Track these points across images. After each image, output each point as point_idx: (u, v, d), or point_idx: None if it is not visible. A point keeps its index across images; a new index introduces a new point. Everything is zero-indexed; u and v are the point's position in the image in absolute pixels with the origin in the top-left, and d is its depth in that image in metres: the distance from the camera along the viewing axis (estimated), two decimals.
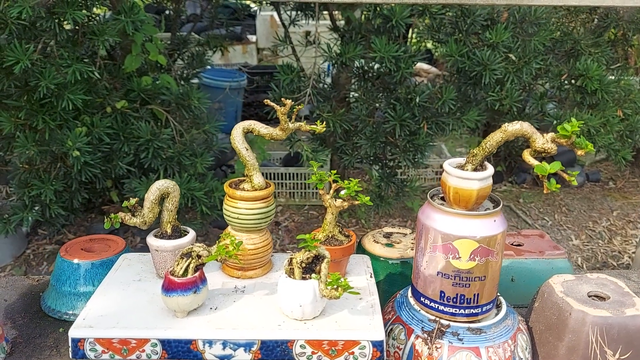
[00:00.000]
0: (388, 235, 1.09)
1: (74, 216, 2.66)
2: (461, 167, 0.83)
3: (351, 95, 2.95)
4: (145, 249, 2.72)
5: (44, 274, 2.61)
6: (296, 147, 2.52)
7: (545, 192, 0.77)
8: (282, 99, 0.84)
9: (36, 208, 2.35)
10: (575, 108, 2.63)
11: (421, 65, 4.77)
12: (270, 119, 2.63)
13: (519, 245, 1.10)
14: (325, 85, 2.78)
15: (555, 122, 2.59)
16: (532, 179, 3.32)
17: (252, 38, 5.10)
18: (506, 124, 0.79)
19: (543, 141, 0.79)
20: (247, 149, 0.85)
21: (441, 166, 3.49)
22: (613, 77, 2.67)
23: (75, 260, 0.98)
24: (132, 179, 2.49)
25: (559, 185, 0.77)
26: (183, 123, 2.68)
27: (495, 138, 0.80)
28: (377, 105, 2.71)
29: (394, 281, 1.02)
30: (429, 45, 3.39)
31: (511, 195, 3.42)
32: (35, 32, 2.19)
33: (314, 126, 0.86)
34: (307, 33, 2.97)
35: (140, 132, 2.38)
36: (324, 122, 0.86)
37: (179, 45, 3.04)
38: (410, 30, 3.28)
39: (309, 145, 2.70)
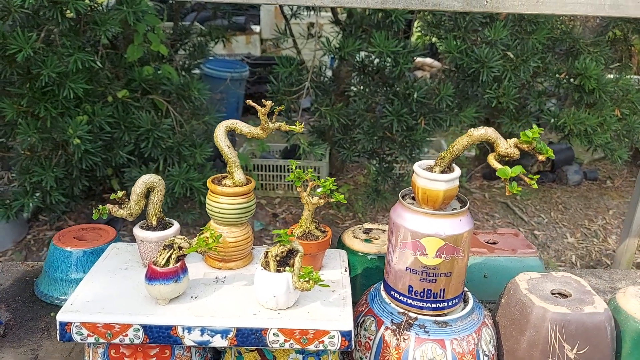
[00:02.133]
0: (368, 231, 1.13)
1: (75, 203, 2.72)
2: (430, 168, 0.87)
3: (351, 90, 2.98)
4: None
5: (44, 260, 2.68)
6: (294, 140, 2.56)
7: (507, 194, 0.81)
8: (263, 100, 0.89)
9: (37, 194, 2.40)
10: (573, 107, 2.65)
11: (424, 60, 4.79)
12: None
13: (493, 243, 1.15)
14: (326, 79, 2.81)
15: (553, 120, 2.62)
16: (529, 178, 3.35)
17: (256, 28, 5.13)
18: (472, 129, 0.84)
19: (506, 146, 0.83)
20: (229, 147, 0.90)
21: None
22: (612, 76, 2.68)
23: (68, 248, 1.03)
24: (132, 167, 2.54)
25: (519, 188, 0.81)
26: (183, 113, 2.72)
27: (461, 142, 0.84)
28: (376, 100, 2.74)
29: (371, 275, 1.06)
30: (434, 39, 3.41)
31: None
32: (38, 20, 2.23)
33: (293, 127, 0.90)
34: (310, 25, 2.99)
35: (141, 121, 2.43)
36: (302, 124, 0.91)
37: (181, 36, 3.07)
38: (414, 24, 3.30)
39: (307, 139, 2.74)
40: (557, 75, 2.71)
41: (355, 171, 3.62)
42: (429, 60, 4.85)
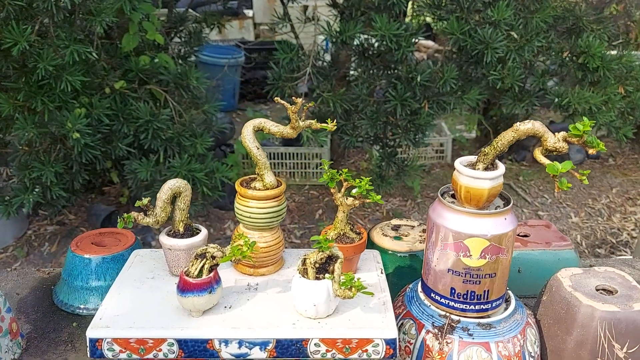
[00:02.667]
0: (396, 228, 1.10)
1: (75, 197, 2.67)
2: (472, 165, 0.83)
3: (351, 74, 2.93)
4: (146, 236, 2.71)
5: (46, 255, 2.63)
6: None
7: (556, 191, 0.77)
8: (294, 97, 0.84)
9: (37, 190, 2.34)
10: (576, 85, 2.62)
11: (420, 40, 4.72)
12: (267, 98, 2.61)
13: (525, 235, 1.11)
14: (325, 63, 2.75)
15: (556, 99, 2.58)
16: (532, 156, 3.34)
17: (249, 13, 5.02)
18: (518, 123, 0.79)
19: (554, 140, 0.79)
20: (258, 148, 0.85)
21: (441, 144, 3.49)
22: (615, 53, 2.65)
23: (87, 255, 0.99)
24: (132, 160, 2.49)
25: (569, 185, 0.77)
26: (182, 103, 2.66)
27: (506, 137, 0.80)
28: (378, 84, 2.69)
29: (403, 274, 1.03)
30: (428, 19, 3.35)
31: (511, 173, 3.43)
32: (32, 12, 2.15)
33: (325, 125, 0.85)
34: (305, 8, 2.92)
35: (140, 112, 2.37)
36: (334, 121, 0.86)
37: (176, 23, 3.00)
38: (409, 5, 3.23)
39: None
40: (560, 54, 2.67)
41: (356, 156, 3.58)
42: (424, 41, 4.79)
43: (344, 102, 2.57)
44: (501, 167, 0.82)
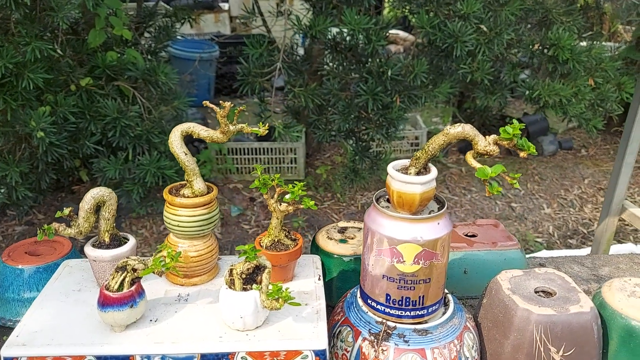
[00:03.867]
0: (343, 230, 1.08)
1: (43, 197, 2.62)
2: (405, 169, 0.81)
3: (324, 68, 2.90)
4: None
5: None
6: (269, 123, 2.49)
7: (487, 195, 0.76)
8: (221, 101, 0.81)
9: (2, 190, 2.30)
10: (547, 78, 2.61)
11: (397, 33, 4.70)
12: (242, 94, 2.57)
13: (473, 235, 1.10)
14: (298, 58, 2.72)
15: (527, 92, 2.58)
16: (506, 148, 3.34)
17: (225, 6, 4.96)
18: (448, 126, 0.78)
19: (485, 143, 0.77)
20: (185, 154, 0.82)
21: (416, 137, 3.48)
22: (585, 44, 2.65)
23: (19, 266, 0.96)
24: (100, 158, 2.45)
25: (500, 189, 0.76)
26: (151, 99, 2.62)
27: (437, 141, 0.78)
28: (350, 78, 2.67)
29: (348, 278, 1.01)
30: (406, 12, 3.33)
31: (485, 165, 3.42)
32: None
33: (256, 129, 0.83)
34: (279, 2, 2.88)
35: (107, 110, 2.33)
36: (267, 125, 0.83)
37: (145, 18, 2.94)
38: None
39: (282, 121, 2.66)
40: (530, 47, 2.66)
41: (332, 150, 3.56)
42: (402, 33, 4.76)
43: (315, 97, 2.54)
44: (433, 171, 0.81)
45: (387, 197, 0.86)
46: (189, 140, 3.25)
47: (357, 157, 2.73)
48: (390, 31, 2.54)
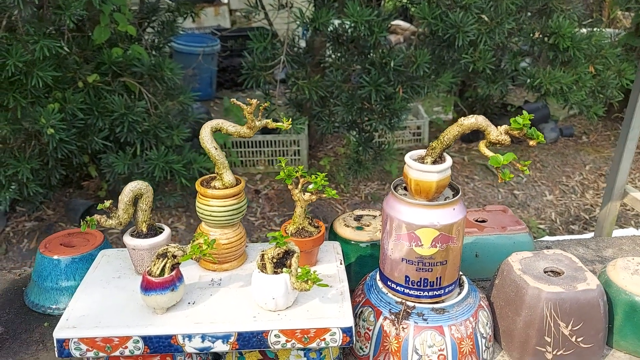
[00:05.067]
0: (358, 218, 1.13)
1: (52, 193, 2.67)
2: (421, 159, 0.87)
3: (326, 60, 2.94)
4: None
5: (25, 251, 2.64)
6: (273, 116, 2.53)
7: (499, 181, 0.81)
8: (248, 99, 0.86)
9: (13, 187, 2.34)
10: (548, 66, 2.66)
11: (397, 23, 4.73)
12: (245, 87, 2.62)
13: (482, 221, 1.16)
14: (300, 50, 2.76)
15: (528, 80, 2.62)
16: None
17: None
18: (462, 118, 0.83)
19: (497, 133, 0.82)
20: (216, 148, 0.87)
21: (418, 127, 3.53)
22: (585, 32, 2.68)
23: (55, 257, 1.01)
24: (108, 153, 2.49)
25: (512, 175, 0.81)
26: (157, 94, 2.66)
27: (452, 132, 0.83)
28: (352, 70, 2.71)
29: (365, 263, 1.07)
30: (404, 0, 3.37)
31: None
32: None
33: (280, 124, 0.88)
34: None
35: (114, 106, 2.37)
36: (290, 120, 0.88)
37: (148, 13, 2.98)
38: None
39: (286, 114, 2.70)
40: (531, 35, 2.70)
41: (334, 142, 3.61)
42: (402, 23, 4.79)
43: (319, 89, 2.58)
44: (448, 160, 0.86)
45: (404, 185, 0.92)
46: (195, 134, 3.30)
47: (361, 148, 2.77)
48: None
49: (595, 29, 2.77)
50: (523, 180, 3.28)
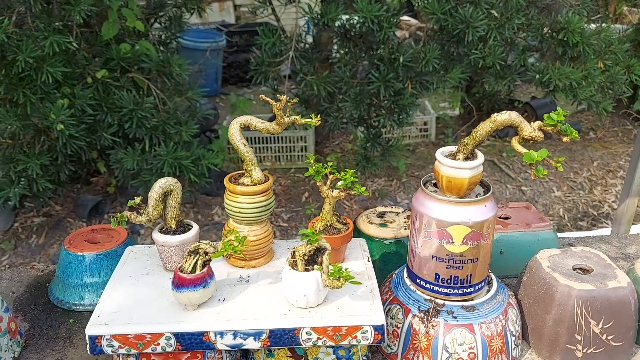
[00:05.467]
0: (381, 215, 1.13)
1: (61, 188, 2.66)
2: (453, 155, 0.86)
3: (334, 56, 2.93)
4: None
5: (34, 247, 2.63)
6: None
7: (533, 178, 0.81)
8: (278, 95, 0.86)
9: (22, 182, 2.34)
10: (557, 61, 2.65)
11: (403, 18, 4.71)
12: (252, 83, 2.60)
13: (506, 218, 1.15)
14: (307, 45, 2.75)
15: (537, 76, 2.61)
16: (515, 132, 3.38)
17: None
18: (495, 114, 0.82)
19: (530, 129, 0.82)
20: (244, 145, 0.87)
21: (425, 123, 3.52)
22: (594, 27, 2.67)
23: (80, 253, 1.01)
24: (117, 149, 2.49)
25: (545, 172, 0.80)
26: (165, 90, 2.65)
27: (485, 128, 0.83)
28: (360, 65, 2.70)
29: (389, 260, 1.06)
30: None
31: (494, 149, 3.48)
32: (8, 3, 2.13)
33: (309, 120, 0.87)
34: None
35: (123, 101, 2.36)
36: (319, 115, 0.88)
37: (155, 9, 2.96)
38: None
39: (294, 110, 2.69)
40: (540, 31, 2.70)
41: (341, 138, 3.60)
42: (406, 18, 4.78)
43: (327, 85, 2.57)
44: (480, 157, 0.85)
45: (433, 181, 0.91)
46: (203, 130, 3.29)
47: (369, 144, 2.77)
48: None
49: (603, 25, 2.76)
50: (531, 177, 3.27)
